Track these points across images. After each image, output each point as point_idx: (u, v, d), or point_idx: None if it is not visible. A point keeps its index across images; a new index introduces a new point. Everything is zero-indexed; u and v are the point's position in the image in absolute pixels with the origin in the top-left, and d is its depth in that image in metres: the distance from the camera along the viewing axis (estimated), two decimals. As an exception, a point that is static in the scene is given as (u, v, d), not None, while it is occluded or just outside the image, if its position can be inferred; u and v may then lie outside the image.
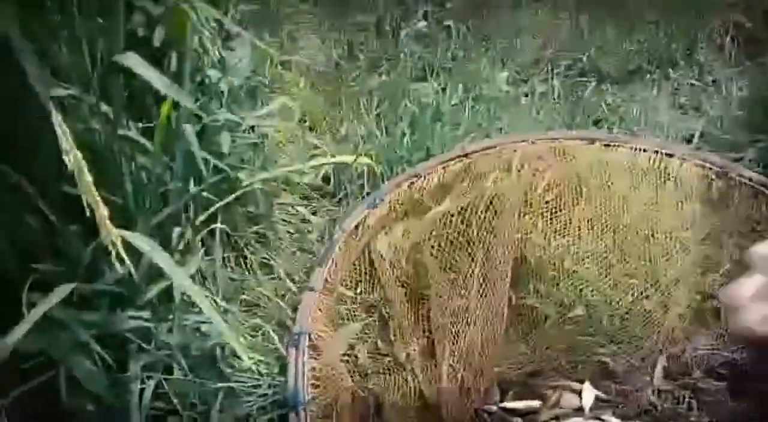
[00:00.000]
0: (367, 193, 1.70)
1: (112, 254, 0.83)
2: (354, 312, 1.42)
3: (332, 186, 1.84)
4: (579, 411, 1.31)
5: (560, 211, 1.45)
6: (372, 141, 1.93)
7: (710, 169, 1.56)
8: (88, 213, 0.84)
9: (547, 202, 1.46)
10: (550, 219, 1.43)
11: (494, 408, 1.32)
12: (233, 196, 1.42)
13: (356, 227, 1.49)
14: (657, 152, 1.58)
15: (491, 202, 1.41)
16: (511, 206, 1.40)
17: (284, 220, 1.73)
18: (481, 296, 1.33)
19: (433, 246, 1.39)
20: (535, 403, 1.32)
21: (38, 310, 0.90)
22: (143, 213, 1.20)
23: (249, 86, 1.73)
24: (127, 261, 0.87)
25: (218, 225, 1.46)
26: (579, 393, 1.33)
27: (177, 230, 1.29)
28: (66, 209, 1.11)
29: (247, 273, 1.55)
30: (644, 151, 1.58)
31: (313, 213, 1.77)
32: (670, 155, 1.58)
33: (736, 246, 1.42)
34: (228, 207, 1.56)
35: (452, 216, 1.42)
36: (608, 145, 1.59)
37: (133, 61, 1.07)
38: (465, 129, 1.91)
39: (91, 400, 1.14)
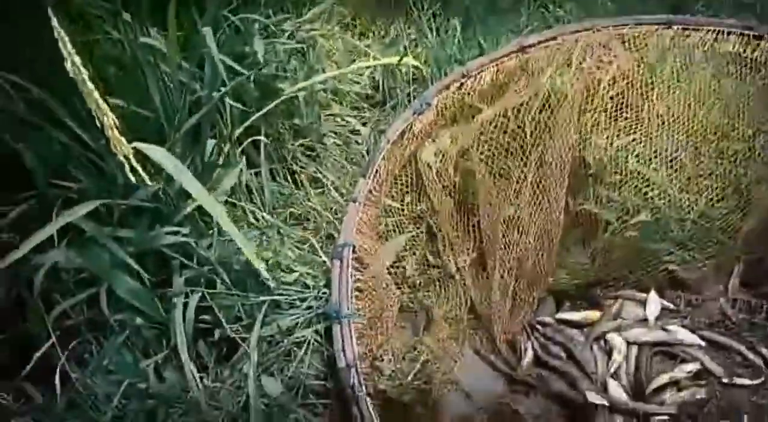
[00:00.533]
0: (414, 98, 1.59)
1: (126, 168, 0.78)
2: (401, 224, 1.35)
3: (381, 94, 1.74)
4: (642, 322, 1.22)
5: (626, 107, 1.29)
6: (422, 43, 1.80)
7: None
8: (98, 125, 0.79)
9: (611, 98, 1.30)
10: (614, 116, 1.28)
11: (549, 319, 1.25)
12: (271, 105, 1.35)
13: (402, 135, 1.39)
14: (743, 35, 1.36)
15: (548, 101, 1.27)
16: (571, 104, 1.26)
17: (333, 132, 1.66)
18: (534, 203, 1.23)
19: (482, 153, 1.29)
20: (594, 314, 1.24)
21: (60, 221, 0.88)
22: (173, 126, 1.15)
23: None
24: (142, 174, 0.83)
25: (261, 138, 1.42)
26: (642, 303, 1.24)
27: (211, 142, 1.25)
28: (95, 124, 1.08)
29: (294, 186, 1.51)
30: (728, 34, 1.37)
31: (363, 124, 1.69)
32: (759, 38, 1.36)
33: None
34: (271, 119, 1.51)
35: (504, 118, 1.30)
36: (686, 29, 1.38)
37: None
38: (523, 21, 1.73)
39: (135, 315, 1.15)
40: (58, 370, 1.10)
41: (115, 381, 1.13)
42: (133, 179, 0.81)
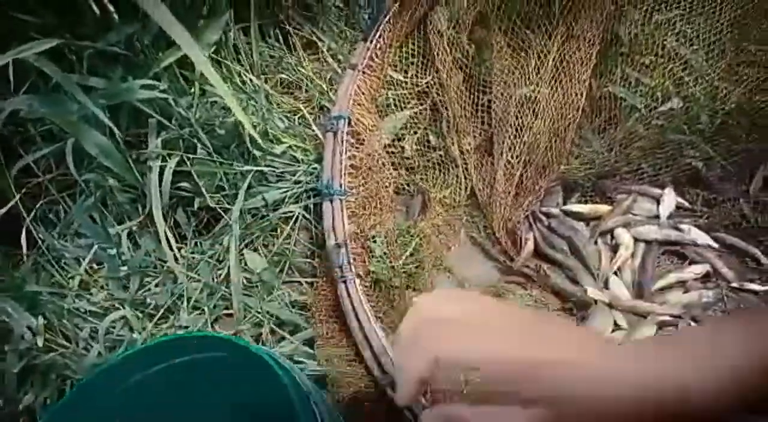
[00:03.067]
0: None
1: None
2: (403, 98, 1.22)
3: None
4: (654, 219, 1.14)
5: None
6: None
7: None
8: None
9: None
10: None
11: (555, 210, 1.17)
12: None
13: (411, -5, 1.23)
14: None
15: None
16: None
17: (333, -9, 1.48)
18: (554, 82, 1.11)
19: (502, 21, 1.14)
20: (603, 207, 1.16)
21: (10, 55, 0.75)
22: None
23: None
24: (112, 10, 0.69)
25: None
26: (656, 199, 1.15)
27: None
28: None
29: (287, 50, 1.36)
30: None
31: (368, -18, 1.51)
32: None
33: None
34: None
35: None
36: None
37: None
38: None
39: (107, 176, 1.04)
40: (23, 230, 1.02)
41: (84, 245, 1.05)
42: (96, 9, 0.67)
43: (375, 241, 1.10)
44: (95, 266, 1.07)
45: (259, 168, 1.11)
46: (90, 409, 0.72)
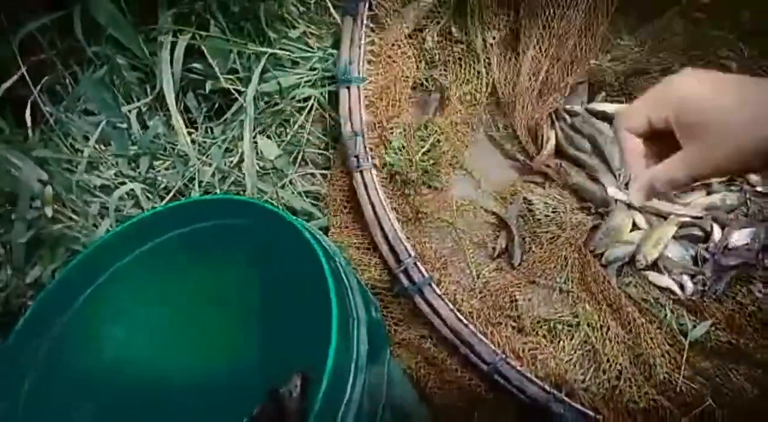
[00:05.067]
0: None
1: None
2: (427, -16, 1.15)
3: None
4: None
5: None
6: None
7: None
8: None
9: None
10: None
11: (579, 109, 1.13)
12: None
13: None
14: None
15: None
16: None
17: None
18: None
19: None
20: (630, 108, 1.12)
21: None
22: None
23: None
24: None
25: None
26: (686, 102, 1.11)
27: None
28: None
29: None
30: None
31: None
32: None
33: None
34: None
35: None
36: None
37: None
38: None
39: (116, 51, 0.99)
40: (29, 103, 0.98)
41: (93, 122, 1.01)
42: None
43: (392, 133, 1.07)
44: (104, 146, 1.04)
45: (273, 50, 1.06)
46: (102, 271, 0.71)
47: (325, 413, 0.52)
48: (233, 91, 1.04)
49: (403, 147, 1.06)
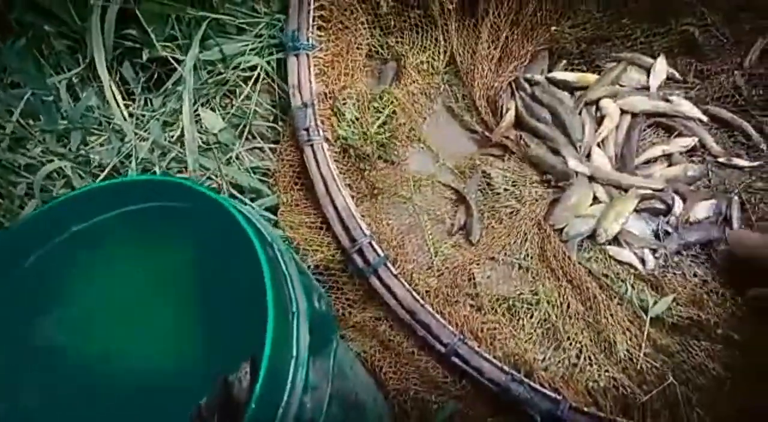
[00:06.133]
0: None
1: None
2: (380, -55, 1.09)
3: None
4: (643, 90, 1.07)
5: None
6: None
7: None
8: None
9: None
10: None
11: (539, 77, 1.09)
12: None
13: None
14: None
15: None
16: None
17: None
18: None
19: None
20: (590, 76, 1.08)
21: None
22: None
23: None
24: None
25: None
26: (647, 69, 1.08)
27: None
28: None
29: None
30: None
31: None
32: None
33: None
34: None
35: None
36: None
37: None
38: None
39: (42, 18, 0.91)
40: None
41: (17, 95, 0.93)
42: None
43: (345, 104, 1.01)
44: (32, 122, 0.95)
45: (216, 16, 0.99)
46: (29, 252, 0.64)
47: (262, 412, 0.48)
48: (172, 60, 0.96)
49: (357, 119, 1.01)
